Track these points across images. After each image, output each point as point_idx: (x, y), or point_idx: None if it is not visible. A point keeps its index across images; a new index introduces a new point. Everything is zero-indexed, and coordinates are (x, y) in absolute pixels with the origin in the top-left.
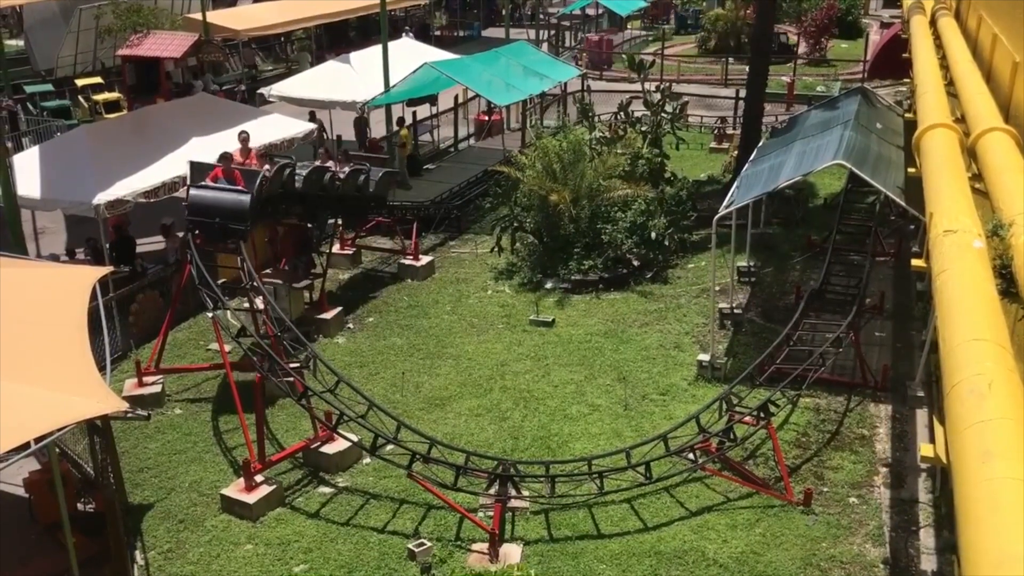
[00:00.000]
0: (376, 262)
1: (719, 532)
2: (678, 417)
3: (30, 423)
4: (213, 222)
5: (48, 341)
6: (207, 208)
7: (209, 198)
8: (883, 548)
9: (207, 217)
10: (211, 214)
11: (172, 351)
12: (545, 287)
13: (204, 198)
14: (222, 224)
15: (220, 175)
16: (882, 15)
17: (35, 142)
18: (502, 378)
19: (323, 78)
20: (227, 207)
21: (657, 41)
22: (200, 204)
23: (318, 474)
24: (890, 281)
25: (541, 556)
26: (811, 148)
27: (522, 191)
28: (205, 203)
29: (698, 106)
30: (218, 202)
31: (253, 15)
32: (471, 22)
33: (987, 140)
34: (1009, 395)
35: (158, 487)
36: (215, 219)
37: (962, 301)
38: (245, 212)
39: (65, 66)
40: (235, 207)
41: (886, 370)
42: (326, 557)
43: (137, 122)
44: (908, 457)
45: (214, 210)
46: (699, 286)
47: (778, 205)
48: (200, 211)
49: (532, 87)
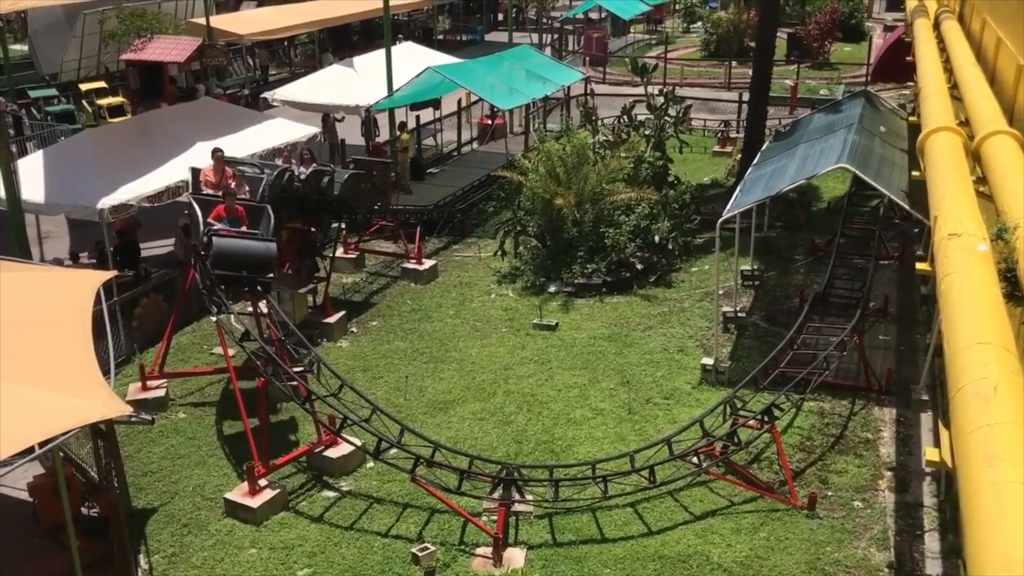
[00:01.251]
0: (379, 266)
1: (723, 536)
2: (682, 421)
3: (34, 427)
4: (241, 275)
5: (52, 345)
6: (233, 259)
7: (234, 248)
8: (888, 552)
9: (234, 269)
10: (238, 266)
11: (176, 355)
12: (548, 291)
13: (229, 248)
14: (251, 277)
15: (224, 214)
16: (885, 18)
17: (39, 146)
18: (505, 382)
19: (326, 82)
20: (254, 257)
21: (660, 45)
22: (225, 255)
23: (322, 478)
24: (894, 285)
25: (545, 560)
26: (815, 151)
27: (525, 195)
28: (230, 253)
29: (701, 109)
30: (244, 252)
31: (256, 19)
32: (474, 26)
33: (991, 143)
34: (1014, 399)
35: (162, 491)
36: (242, 272)
37: (967, 305)
38: (273, 262)
39: (69, 71)
40: (263, 257)
41: (890, 374)
42: (330, 561)
43: (141, 126)
44: (913, 461)
45: (241, 261)
46: (702, 290)
47: (781, 209)
48: (226, 263)
49: (535, 91)
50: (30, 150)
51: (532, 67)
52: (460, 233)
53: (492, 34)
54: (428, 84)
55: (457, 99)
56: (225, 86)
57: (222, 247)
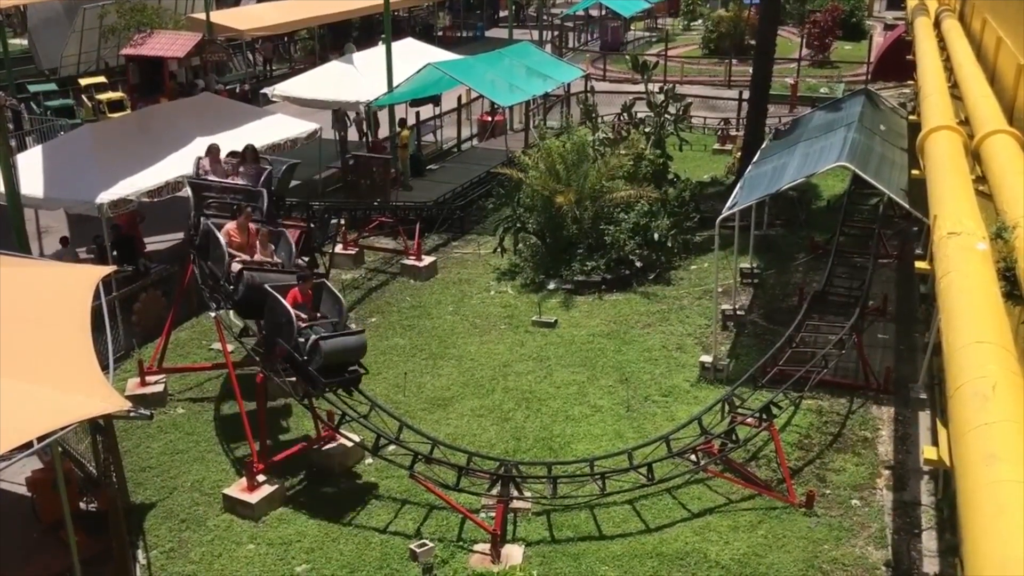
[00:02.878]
0: (379, 262)
1: (721, 534)
2: (680, 418)
3: (33, 422)
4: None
5: (51, 340)
6: (339, 360)
7: (339, 346)
8: (885, 551)
9: (340, 369)
10: (343, 365)
11: (175, 351)
12: (548, 288)
13: (334, 350)
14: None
15: (300, 299)
16: (886, 17)
17: (39, 141)
18: (504, 379)
19: (326, 78)
20: (355, 352)
21: (660, 42)
22: (333, 352)
23: (320, 474)
24: (893, 283)
25: (543, 557)
26: (814, 150)
27: (525, 192)
28: (336, 351)
29: (701, 107)
30: (347, 348)
31: (256, 15)
32: (474, 23)
33: (991, 142)
34: (1013, 398)
35: (160, 486)
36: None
37: (966, 303)
38: (365, 349)
39: (69, 65)
40: (361, 348)
41: (889, 372)
42: (328, 557)
43: (140, 122)
44: (911, 460)
45: (346, 360)
46: (702, 287)
47: (781, 207)
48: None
49: (535, 88)
50: (29, 145)
51: (532, 64)
52: (460, 230)
53: (492, 30)
54: (428, 80)
55: (457, 96)
56: (225, 81)
57: (328, 351)
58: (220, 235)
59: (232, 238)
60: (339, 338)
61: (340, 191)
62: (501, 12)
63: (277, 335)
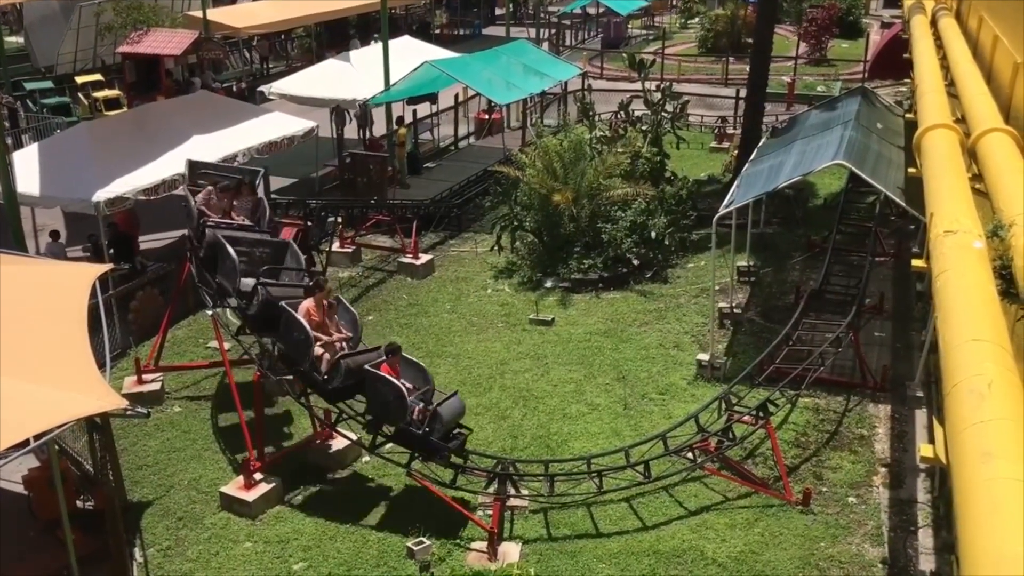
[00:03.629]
0: (376, 261)
1: (718, 531)
2: (677, 416)
3: (30, 420)
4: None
5: (48, 338)
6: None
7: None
8: (882, 548)
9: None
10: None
11: (172, 349)
12: (545, 286)
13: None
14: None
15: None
16: (883, 15)
17: (35, 139)
18: (501, 377)
19: (323, 76)
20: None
21: (657, 40)
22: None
23: (317, 472)
24: (890, 281)
25: (540, 555)
26: (811, 148)
27: (522, 190)
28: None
29: (698, 105)
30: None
31: (253, 12)
32: (472, 20)
33: (987, 141)
34: (1009, 396)
35: (157, 485)
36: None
37: (962, 302)
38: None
39: (65, 63)
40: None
41: (885, 370)
42: (325, 555)
43: (137, 119)
44: (907, 457)
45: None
46: (699, 285)
47: (778, 205)
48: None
49: (532, 86)
50: (26, 143)
51: (529, 62)
52: (457, 228)
53: (489, 28)
54: (425, 78)
55: (454, 94)
56: (221, 79)
57: (443, 416)
58: (300, 317)
59: (312, 317)
60: (447, 404)
61: (337, 189)
62: (498, 10)
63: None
